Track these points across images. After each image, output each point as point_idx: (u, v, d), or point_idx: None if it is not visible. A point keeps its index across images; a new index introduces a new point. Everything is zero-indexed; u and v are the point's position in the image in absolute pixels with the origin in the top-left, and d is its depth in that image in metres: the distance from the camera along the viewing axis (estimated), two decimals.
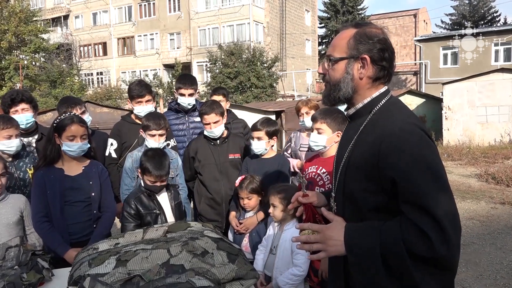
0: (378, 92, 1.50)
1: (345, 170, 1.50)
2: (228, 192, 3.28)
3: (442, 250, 1.23)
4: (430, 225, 1.24)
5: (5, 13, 23.80)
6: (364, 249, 1.34)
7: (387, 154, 1.33)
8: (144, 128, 3.10)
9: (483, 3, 37.25)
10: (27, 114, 3.12)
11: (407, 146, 1.32)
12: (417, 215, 1.27)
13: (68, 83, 23.73)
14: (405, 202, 1.31)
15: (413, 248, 1.26)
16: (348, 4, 36.89)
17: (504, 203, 6.76)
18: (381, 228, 1.34)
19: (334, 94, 1.52)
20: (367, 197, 1.41)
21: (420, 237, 1.25)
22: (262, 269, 2.66)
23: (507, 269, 4.30)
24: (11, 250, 2.13)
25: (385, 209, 1.38)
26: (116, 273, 1.63)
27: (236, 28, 28.70)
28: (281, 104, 15.11)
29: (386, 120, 1.42)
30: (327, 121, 2.67)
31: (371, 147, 1.38)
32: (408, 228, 1.28)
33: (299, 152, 3.73)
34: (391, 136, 1.35)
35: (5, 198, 2.58)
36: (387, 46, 1.45)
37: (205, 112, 3.24)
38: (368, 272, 1.34)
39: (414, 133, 1.35)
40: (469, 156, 11.51)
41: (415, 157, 1.31)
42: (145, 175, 2.65)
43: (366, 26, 1.48)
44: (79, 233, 2.59)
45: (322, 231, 1.44)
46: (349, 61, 1.47)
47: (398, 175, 1.30)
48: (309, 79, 33.15)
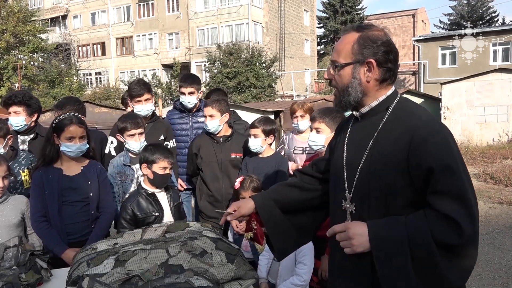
0: (390, 91, 1.53)
1: (368, 168, 1.48)
2: (229, 191, 3.29)
3: (470, 239, 1.30)
4: (462, 213, 1.30)
5: (4, 13, 23.78)
6: (391, 242, 1.35)
7: (421, 144, 1.35)
8: (122, 130, 3.05)
9: (481, 3, 37.29)
10: (18, 117, 3.09)
11: (441, 137, 1.36)
12: (448, 204, 1.31)
13: (67, 83, 23.71)
14: (436, 193, 1.33)
15: (443, 237, 1.30)
16: (346, 4, 36.91)
17: (502, 203, 6.77)
18: (406, 221, 1.35)
19: (344, 99, 1.53)
20: (394, 192, 1.41)
21: (451, 226, 1.29)
22: (266, 276, 2.65)
23: (505, 269, 4.31)
24: (10, 250, 2.12)
25: (412, 204, 1.40)
26: (114, 273, 1.63)
27: (234, 28, 28.69)
28: (280, 104, 15.09)
29: (409, 115, 1.44)
30: (325, 121, 2.68)
31: (398, 141, 1.40)
32: (436, 218, 1.32)
33: (293, 155, 3.73)
34: (423, 129, 1.37)
35: (6, 199, 2.57)
36: (391, 48, 1.48)
37: (205, 105, 3.32)
38: (396, 265, 1.34)
39: (442, 125, 1.41)
40: (468, 156, 11.52)
41: (451, 149, 1.36)
42: (156, 163, 2.65)
43: (368, 29, 1.49)
44: (77, 233, 2.58)
45: (347, 228, 1.44)
46: (355, 66, 1.48)
47: (436, 163, 1.32)
48: (308, 79, 33.16)
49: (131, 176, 3.07)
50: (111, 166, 3.12)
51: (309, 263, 2.52)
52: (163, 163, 2.65)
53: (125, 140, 3.07)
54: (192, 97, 3.74)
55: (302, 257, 2.52)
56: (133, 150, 3.07)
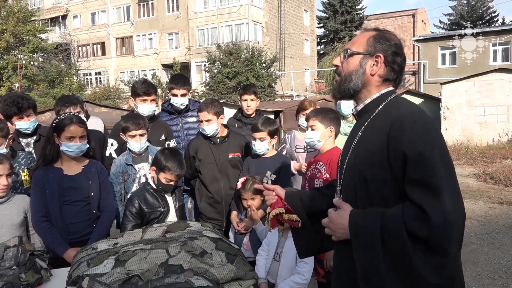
0: (386, 89, 1.56)
1: (354, 160, 1.52)
2: (228, 191, 3.28)
3: (440, 230, 1.23)
4: (431, 202, 1.25)
5: (3, 13, 23.76)
6: (364, 230, 1.37)
7: (398, 132, 1.36)
8: (124, 130, 3.07)
9: (481, 3, 37.30)
10: (32, 119, 3.16)
11: (419, 125, 1.36)
12: (421, 194, 1.28)
13: (67, 83, 23.66)
14: (411, 182, 1.32)
15: (413, 229, 1.27)
16: (346, 4, 36.89)
17: (502, 203, 6.77)
18: (384, 213, 1.36)
19: (345, 85, 1.58)
20: (377, 184, 1.42)
21: (419, 216, 1.26)
22: (265, 276, 2.65)
23: (505, 269, 4.31)
24: (10, 250, 2.12)
25: (394, 198, 1.39)
26: (114, 273, 1.63)
27: (234, 28, 28.68)
28: (280, 104, 15.10)
29: (395, 109, 1.47)
30: (318, 118, 2.79)
31: (379, 133, 1.43)
32: (410, 209, 1.29)
33: (295, 154, 3.73)
34: (403, 118, 1.39)
35: (9, 198, 2.57)
36: (401, 52, 1.55)
37: (199, 109, 3.28)
38: (368, 254, 1.35)
39: (425, 115, 1.43)
40: (467, 156, 11.53)
41: (428, 135, 1.34)
42: (163, 173, 2.64)
43: (386, 32, 1.59)
44: (78, 233, 2.59)
45: (329, 215, 1.53)
46: (364, 56, 1.55)
47: (410, 149, 1.32)
48: (308, 79, 33.15)
49: (133, 176, 3.08)
50: (114, 166, 3.13)
51: (310, 262, 2.53)
52: (170, 175, 2.64)
53: (127, 139, 3.07)
54: (184, 98, 3.74)
55: None
56: (133, 150, 3.08)
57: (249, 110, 4.07)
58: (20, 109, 3.07)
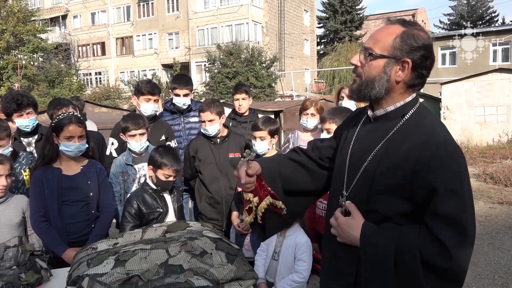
0: (410, 97, 1.43)
1: (372, 172, 1.42)
2: (228, 192, 3.28)
3: (458, 265, 1.25)
4: (456, 241, 1.24)
5: (3, 13, 23.75)
6: (379, 248, 1.33)
7: (430, 161, 1.28)
8: (124, 130, 3.08)
9: (481, 3, 37.33)
10: (32, 117, 3.17)
11: (452, 159, 1.29)
12: (444, 229, 1.25)
13: (67, 83, 23.66)
14: (435, 214, 1.28)
15: (432, 259, 1.25)
16: (346, 4, 36.90)
17: (502, 203, 6.77)
18: (399, 233, 1.32)
19: (366, 91, 1.43)
20: (393, 201, 1.36)
21: (441, 251, 1.25)
22: (263, 275, 2.65)
23: (505, 269, 4.31)
24: (10, 250, 2.12)
25: (408, 216, 1.36)
26: (114, 273, 1.63)
27: (234, 28, 28.69)
28: (280, 104, 15.10)
29: (423, 128, 1.36)
30: (335, 121, 2.71)
31: (407, 154, 1.33)
32: (429, 240, 1.27)
33: None
34: (435, 146, 1.30)
35: (8, 199, 2.57)
36: (430, 54, 1.39)
37: (201, 109, 3.27)
38: (378, 273, 1.33)
39: (458, 148, 1.33)
40: (468, 156, 11.52)
41: (461, 173, 1.29)
42: (161, 170, 2.65)
43: (414, 27, 1.39)
44: (77, 233, 2.58)
45: (338, 220, 1.47)
46: (389, 60, 1.38)
47: (442, 186, 1.26)
48: (308, 79, 33.15)
49: (133, 176, 3.08)
50: (113, 166, 3.14)
51: (308, 260, 2.53)
52: (168, 171, 2.65)
53: (127, 139, 3.08)
54: (187, 98, 3.75)
55: (301, 254, 2.53)
56: (134, 150, 3.08)
57: (241, 109, 4.11)
58: (19, 105, 3.08)
